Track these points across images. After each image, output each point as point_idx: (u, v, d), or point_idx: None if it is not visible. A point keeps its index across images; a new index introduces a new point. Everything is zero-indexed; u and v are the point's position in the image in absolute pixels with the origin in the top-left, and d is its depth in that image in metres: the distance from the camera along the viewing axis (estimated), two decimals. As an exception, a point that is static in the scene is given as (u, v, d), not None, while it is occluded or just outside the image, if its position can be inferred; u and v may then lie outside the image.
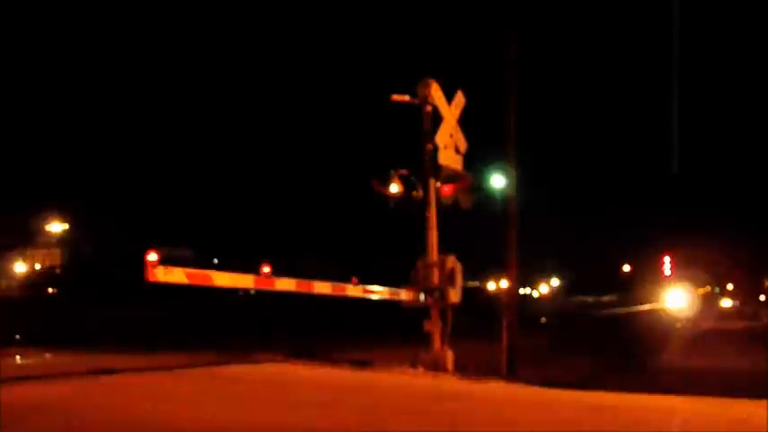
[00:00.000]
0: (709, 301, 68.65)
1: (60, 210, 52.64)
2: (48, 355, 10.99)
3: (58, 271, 50.24)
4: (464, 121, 12.10)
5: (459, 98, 12.05)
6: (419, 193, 11.54)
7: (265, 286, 9.92)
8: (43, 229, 52.76)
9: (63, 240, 53.59)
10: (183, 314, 23.40)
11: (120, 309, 25.79)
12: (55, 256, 53.22)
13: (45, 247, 53.48)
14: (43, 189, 48.93)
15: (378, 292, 11.47)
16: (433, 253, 11.45)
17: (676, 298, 50.99)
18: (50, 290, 44.33)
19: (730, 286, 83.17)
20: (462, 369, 11.04)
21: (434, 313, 11.32)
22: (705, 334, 31.05)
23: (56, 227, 53.53)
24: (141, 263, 8.40)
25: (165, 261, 8.66)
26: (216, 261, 42.77)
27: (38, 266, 52.74)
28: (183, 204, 54.55)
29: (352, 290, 11.21)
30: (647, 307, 61.23)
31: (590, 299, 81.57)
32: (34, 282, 45.53)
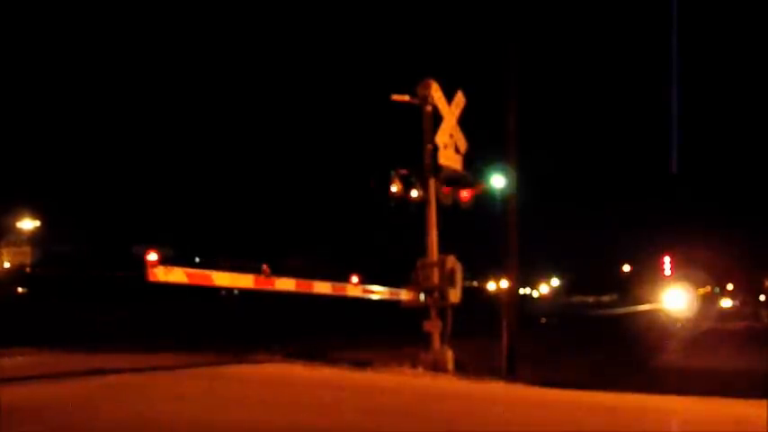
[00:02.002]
0: (709, 301, 68.67)
1: (32, 206, 50.63)
2: (27, 357, 10.93)
3: (28, 270, 48.96)
4: (464, 121, 12.10)
5: (459, 98, 12.05)
6: (419, 193, 11.54)
7: (265, 286, 9.92)
8: (14, 226, 50.80)
9: (35, 238, 51.74)
10: (168, 314, 23.30)
11: (97, 308, 25.15)
12: (26, 255, 51.50)
13: (15, 244, 51.66)
14: (14, 185, 47.26)
15: (378, 292, 11.47)
16: (433, 253, 11.44)
17: (676, 298, 50.99)
18: (20, 289, 42.96)
19: (730, 286, 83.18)
20: (462, 369, 11.03)
21: (434, 313, 11.32)
22: (705, 334, 31.02)
23: (27, 224, 51.50)
24: (119, 261, 8.42)
25: (142, 260, 8.66)
26: (198, 260, 42.05)
27: (7, 265, 50.92)
28: (162, 202, 53.28)
29: (352, 290, 11.21)
30: (646, 307, 61.29)
31: (590, 299, 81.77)
32: (2, 281, 43.71)
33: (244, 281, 10.02)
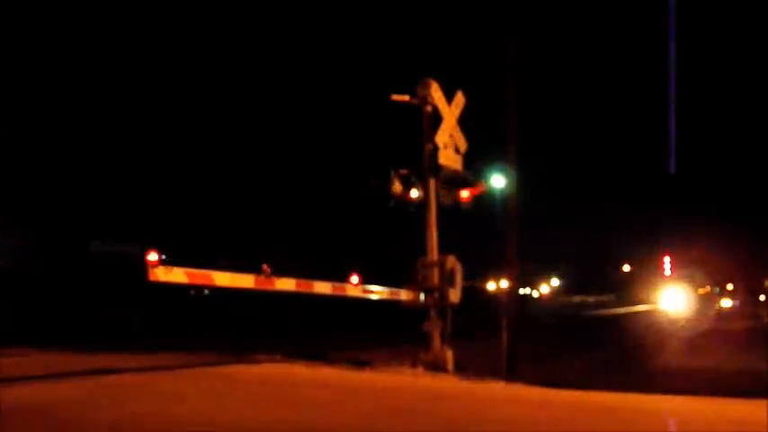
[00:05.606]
0: (709, 301, 68.69)
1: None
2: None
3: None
4: (464, 121, 12.11)
5: (459, 98, 12.06)
6: (419, 193, 11.55)
7: (265, 286, 9.93)
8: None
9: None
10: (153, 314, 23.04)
11: (50, 308, 24.53)
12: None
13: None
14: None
15: (378, 292, 11.49)
16: (433, 253, 11.44)
17: (676, 298, 51.03)
18: None
19: (730, 286, 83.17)
20: (462, 369, 11.03)
21: (434, 313, 11.32)
22: (705, 334, 31.01)
23: None
24: (75, 258, 8.34)
25: (108, 256, 8.65)
26: (164, 257, 40.53)
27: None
28: (126, 194, 50.90)
29: (352, 290, 11.22)
30: (646, 307, 61.32)
31: (590, 299, 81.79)
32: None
33: (244, 281, 10.04)
